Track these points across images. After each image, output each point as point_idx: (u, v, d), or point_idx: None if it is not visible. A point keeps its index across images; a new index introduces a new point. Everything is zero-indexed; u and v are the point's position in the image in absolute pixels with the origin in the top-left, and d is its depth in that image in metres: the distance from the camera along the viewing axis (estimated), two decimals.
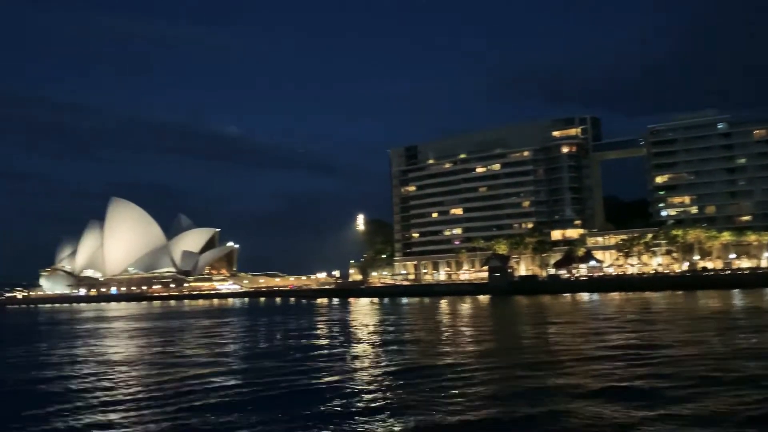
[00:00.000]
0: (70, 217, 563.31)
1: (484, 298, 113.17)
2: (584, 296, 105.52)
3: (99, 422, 20.26)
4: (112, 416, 20.94)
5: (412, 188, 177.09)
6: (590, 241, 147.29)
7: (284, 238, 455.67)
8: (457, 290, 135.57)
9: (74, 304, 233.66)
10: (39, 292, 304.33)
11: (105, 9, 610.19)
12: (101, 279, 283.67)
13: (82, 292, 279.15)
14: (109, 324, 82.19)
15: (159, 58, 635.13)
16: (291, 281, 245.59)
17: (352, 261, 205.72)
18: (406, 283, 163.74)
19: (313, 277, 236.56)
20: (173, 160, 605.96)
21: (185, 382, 27.14)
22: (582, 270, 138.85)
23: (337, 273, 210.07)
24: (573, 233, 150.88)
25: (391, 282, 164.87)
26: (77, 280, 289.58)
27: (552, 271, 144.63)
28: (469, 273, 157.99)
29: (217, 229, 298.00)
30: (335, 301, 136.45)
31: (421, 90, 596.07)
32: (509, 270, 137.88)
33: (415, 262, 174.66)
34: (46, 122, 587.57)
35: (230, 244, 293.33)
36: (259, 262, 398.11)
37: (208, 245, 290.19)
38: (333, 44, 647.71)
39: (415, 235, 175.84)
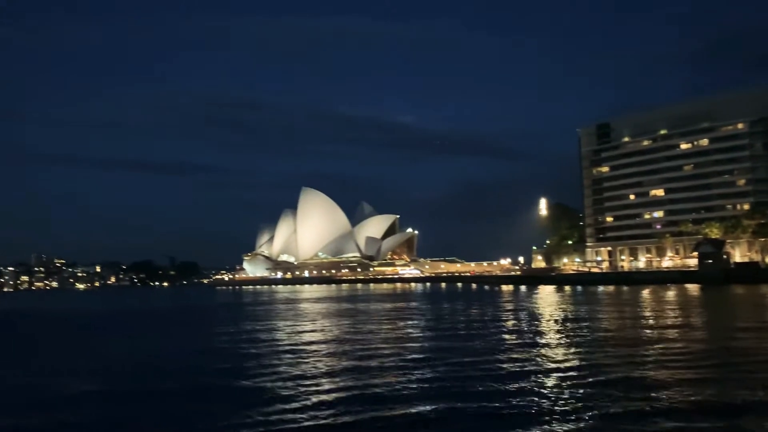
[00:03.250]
0: (267, 206, 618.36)
1: (692, 287, 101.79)
2: None
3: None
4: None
5: (605, 169, 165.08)
6: None
7: (462, 224, 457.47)
8: (660, 278, 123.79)
9: (272, 286, 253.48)
10: (242, 275, 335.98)
11: (286, 9, 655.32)
12: (295, 263, 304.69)
13: (279, 275, 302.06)
14: (336, 305, 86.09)
15: (335, 54, 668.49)
16: (472, 267, 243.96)
17: (534, 247, 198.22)
18: (599, 270, 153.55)
19: (495, 263, 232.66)
20: (353, 150, 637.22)
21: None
22: None
23: (522, 259, 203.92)
24: None
25: (585, 269, 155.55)
26: (274, 264, 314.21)
27: None
28: (673, 260, 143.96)
29: (397, 216, 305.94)
30: (522, 288, 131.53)
31: (607, 62, 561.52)
32: (724, 256, 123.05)
33: (610, 248, 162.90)
34: (243, 120, 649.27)
35: (410, 230, 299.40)
36: (438, 247, 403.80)
37: (389, 231, 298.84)
38: (506, 20, 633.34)
39: (609, 219, 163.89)
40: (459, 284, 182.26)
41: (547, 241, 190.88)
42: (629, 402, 18.24)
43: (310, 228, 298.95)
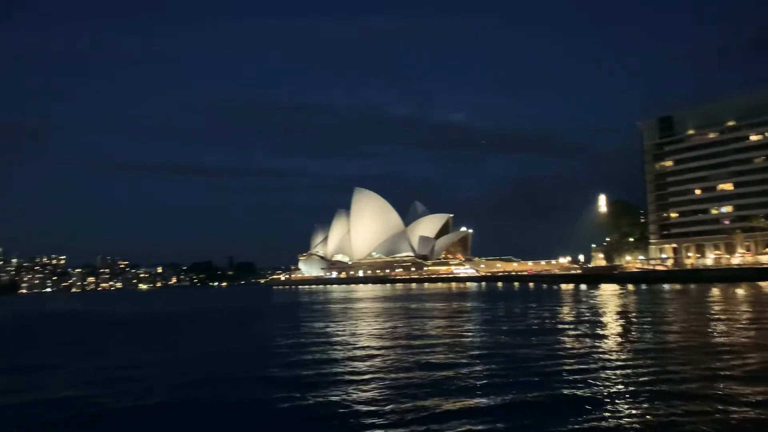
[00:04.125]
0: (320, 207, 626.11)
1: (767, 285, 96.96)
2: None
3: None
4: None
5: (668, 163, 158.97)
6: None
7: (517, 223, 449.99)
8: (730, 276, 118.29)
9: (327, 286, 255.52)
10: (297, 275, 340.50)
11: (334, 11, 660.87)
12: (349, 263, 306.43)
13: (334, 274, 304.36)
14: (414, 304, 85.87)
15: (383, 54, 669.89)
16: (529, 266, 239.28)
17: (594, 245, 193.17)
18: (664, 267, 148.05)
19: (553, 262, 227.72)
20: (403, 150, 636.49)
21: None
22: None
23: (582, 257, 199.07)
24: None
25: (649, 267, 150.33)
26: (329, 263, 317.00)
27: None
28: (744, 256, 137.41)
29: (451, 215, 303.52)
30: (582, 287, 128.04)
31: (667, 53, 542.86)
32: None
33: (675, 245, 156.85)
34: (295, 124, 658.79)
35: (463, 229, 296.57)
36: (493, 246, 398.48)
37: (443, 230, 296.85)
38: (556, 13, 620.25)
39: (674, 215, 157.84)
40: (516, 283, 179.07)
41: (607, 239, 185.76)
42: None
43: (364, 228, 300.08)
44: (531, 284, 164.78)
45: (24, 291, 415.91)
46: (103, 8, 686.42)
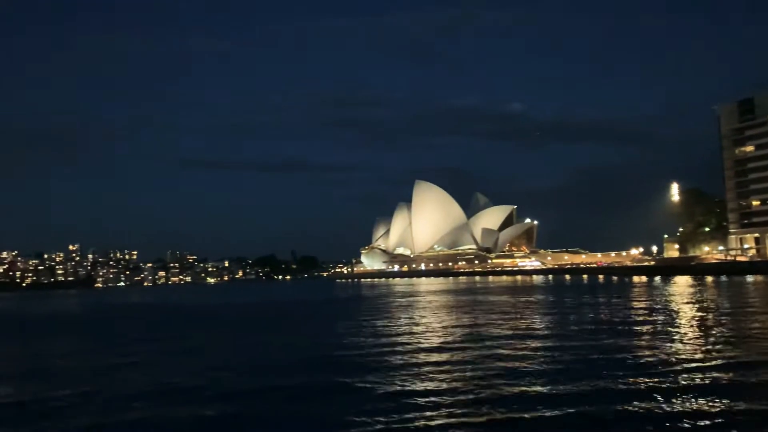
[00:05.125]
0: (383, 200, 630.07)
1: None
2: None
3: None
4: None
5: (749, 148, 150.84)
6: None
7: (584, 214, 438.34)
8: None
9: (389, 279, 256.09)
10: (359, 268, 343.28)
11: (391, 6, 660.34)
12: (411, 256, 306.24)
13: (396, 268, 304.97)
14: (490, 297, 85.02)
15: (442, 46, 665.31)
16: (598, 258, 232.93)
17: (666, 236, 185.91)
18: (746, 258, 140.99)
19: (624, 253, 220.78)
20: (467, 141, 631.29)
21: None
22: None
23: (655, 249, 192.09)
24: None
25: (729, 258, 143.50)
26: (391, 257, 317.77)
27: None
28: None
29: (514, 206, 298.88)
30: (656, 279, 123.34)
31: (733, 38, 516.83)
32: None
33: (757, 235, 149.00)
34: (357, 118, 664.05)
35: (528, 220, 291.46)
36: (559, 238, 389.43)
37: (507, 222, 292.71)
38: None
39: (756, 202, 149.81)
40: (585, 276, 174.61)
41: (680, 229, 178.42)
42: None
43: (425, 220, 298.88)
44: (601, 277, 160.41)
45: (99, 285, 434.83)
46: (170, 9, 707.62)
